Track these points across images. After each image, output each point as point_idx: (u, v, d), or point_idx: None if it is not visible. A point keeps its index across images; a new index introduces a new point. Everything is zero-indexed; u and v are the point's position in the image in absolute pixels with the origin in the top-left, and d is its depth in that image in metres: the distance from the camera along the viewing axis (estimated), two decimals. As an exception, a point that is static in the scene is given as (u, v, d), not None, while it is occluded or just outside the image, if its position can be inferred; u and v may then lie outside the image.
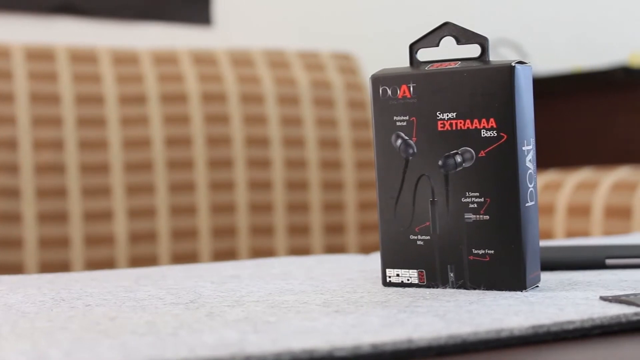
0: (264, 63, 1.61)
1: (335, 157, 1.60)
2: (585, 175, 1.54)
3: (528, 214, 0.63)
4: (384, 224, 0.66)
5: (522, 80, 0.63)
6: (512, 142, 0.62)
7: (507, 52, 2.56)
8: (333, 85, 1.63)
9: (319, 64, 1.65)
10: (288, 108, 1.58)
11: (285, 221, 1.55)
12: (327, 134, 1.60)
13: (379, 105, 0.66)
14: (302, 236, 1.56)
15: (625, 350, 0.48)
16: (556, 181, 1.56)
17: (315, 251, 1.58)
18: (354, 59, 1.71)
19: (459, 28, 0.65)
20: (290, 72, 1.61)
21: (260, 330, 0.49)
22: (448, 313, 0.54)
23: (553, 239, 1.52)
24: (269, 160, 1.55)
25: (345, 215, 1.59)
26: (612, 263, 0.75)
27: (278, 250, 1.55)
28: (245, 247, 1.52)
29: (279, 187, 1.55)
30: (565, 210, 1.50)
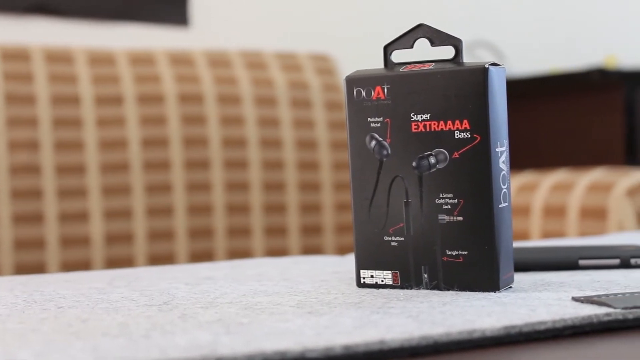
0: (241, 64, 1.61)
1: (313, 158, 1.60)
2: (561, 176, 1.54)
3: (501, 215, 0.63)
4: (358, 225, 0.66)
5: (496, 81, 0.63)
6: (486, 143, 0.62)
7: (484, 54, 2.57)
8: (310, 87, 1.63)
9: (297, 65, 1.65)
10: (265, 109, 1.58)
11: (263, 222, 1.55)
12: (304, 135, 1.60)
13: (353, 106, 0.66)
14: (279, 237, 1.56)
15: (596, 350, 0.48)
16: (532, 182, 1.56)
17: (292, 252, 1.58)
18: (332, 60, 1.71)
19: (433, 30, 0.65)
20: (267, 73, 1.61)
21: (233, 331, 0.49)
22: (421, 314, 0.54)
23: (529, 239, 1.52)
24: (246, 161, 1.55)
25: (322, 216, 1.60)
26: (585, 264, 0.75)
27: (255, 251, 1.55)
28: (222, 248, 1.52)
29: (256, 188, 1.55)
30: (541, 211, 1.50)
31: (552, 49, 2.72)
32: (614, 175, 1.48)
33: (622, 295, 0.58)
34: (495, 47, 2.59)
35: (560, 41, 2.74)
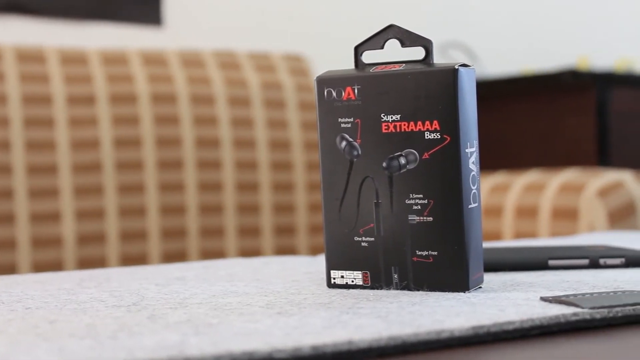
0: (215, 64, 1.61)
1: (286, 158, 1.60)
2: (533, 177, 1.55)
3: (471, 215, 0.64)
4: (329, 225, 0.66)
5: (466, 83, 0.63)
6: (456, 144, 0.62)
7: (457, 55, 2.58)
8: (284, 87, 1.63)
9: (270, 66, 1.65)
10: (238, 109, 1.58)
11: (236, 222, 1.55)
12: (277, 136, 1.60)
13: (324, 107, 0.66)
14: (253, 238, 1.56)
15: (563, 350, 0.49)
16: (504, 183, 1.57)
17: (265, 252, 1.58)
18: (305, 60, 1.71)
19: (403, 30, 0.66)
20: (240, 74, 1.61)
21: (201, 332, 0.49)
22: (390, 314, 0.54)
23: (501, 240, 1.53)
24: (219, 162, 1.55)
25: (295, 216, 1.60)
26: (554, 264, 0.75)
27: (228, 252, 1.55)
28: (195, 248, 1.52)
29: (229, 189, 1.55)
30: (513, 211, 1.51)
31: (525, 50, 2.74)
32: (586, 176, 1.49)
33: (589, 295, 0.58)
34: (468, 48, 2.60)
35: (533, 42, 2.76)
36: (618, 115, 2.10)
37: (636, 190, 1.45)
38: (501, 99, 2.23)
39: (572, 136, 2.08)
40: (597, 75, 2.06)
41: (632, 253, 0.77)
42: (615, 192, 1.43)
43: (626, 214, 1.43)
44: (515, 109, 2.19)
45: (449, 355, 0.48)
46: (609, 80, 2.09)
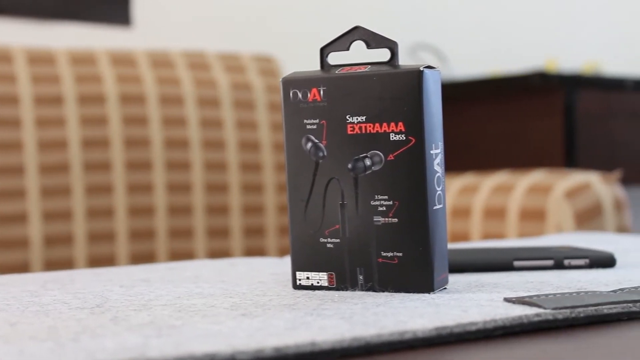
0: (184, 64, 1.60)
1: (256, 159, 1.60)
2: (501, 178, 1.56)
3: (436, 216, 0.64)
4: (294, 226, 0.66)
5: (431, 84, 0.64)
6: (421, 145, 0.63)
7: (427, 56, 2.59)
8: (254, 88, 1.63)
9: (240, 66, 1.65)
10: (208, 110, 1.57)
11: (205, 224, 1.54)
12: (247, 137, 1.60)
13: (290, 108, 0.66)
14: (222, 239, 1.56)
15: (525, 350, 0.49)
16: (473, 184, 1.58)
17: (235, 254, 1.57)
18: (275, 61, 1.71)
19: (369, 32, 0.66)
20: (210, 74, 1.61)
21: (164, 334, 0.49)
22: (354, 315, 0.54)
23: (469, 241, 1.54)
24: (188, 163, 1.54)
25: (265, 217, 1.59)
26: (519, 265, 0.76)
27: (197, 253, 1.54)
28: (164, 250, 1.51)
29: (198, 190, 1.54)
30: (482, 212, 1.52)
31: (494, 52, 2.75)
32: (553, 177, 1.50)
33: (552, 296, 0.59)
34: (437, 50, 2.61)
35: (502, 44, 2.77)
36: (585, 117, 2.12)
37: (603, 192, 1.46)
38: (470, 100, 2.24)
39: (539, 138, 2.09)
40: (564, 77, 2.08)
41: (596, 254, 0.77)
42: (582, 194, 1.44)
43: (593, 215, 1.44)
44: (484, 110, 2.20)
45: (412, 356, 0.48)
46: (577, 82, 2.10)
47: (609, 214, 1.46)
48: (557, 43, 2.92)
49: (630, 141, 2.24)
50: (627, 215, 1.49)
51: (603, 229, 1.45)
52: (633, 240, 0.98)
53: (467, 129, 2.24)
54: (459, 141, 2.25)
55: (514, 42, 2.80)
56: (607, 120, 2.18)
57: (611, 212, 1.46)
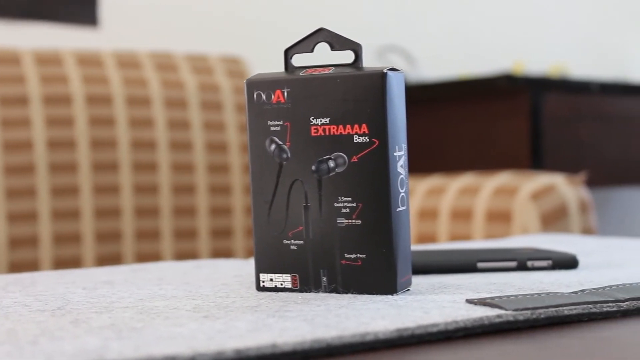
0: (151, 65, 1.59)
1: (223, 161, 1.59)
2: (468, 180, 1.57)
3: (399, 218, 0.64)
4: (258, 228, 0.66)
5: (395, 87, 0.64)
6: (384, 147, 0.63)
7: (396, 59, 2.60)
8: (221, 89, 1.63)
9: (207, 68, 1.64)
10: (175, 111, 1.57)
11: (172, 225, 1.54)
12: (214, 138, 1.59)
13: (254, 109, 0.66)
14: (189, 240, 1.55)
15: (486, 351, 0.49)
16: (440, 186, 1.59)
17: (202, 255, 1.57)
18: (243, 62, 1.70)
19: (333, 34, 0.66)
20: (177, 75, 1.60)
21: (124, 336, 0.49)
22: (316, 317, 0.54)
23: (436, 242, 1.54)
24: (155, 164, 1.53)
25: (232, 219, 1.59)
26: (483, 266, 0.76)
27: (164, 255, 1.53)
28: (131, 251, 1.50)
29: (165, 191, 1.53)
30: (448, 214, 1.53)
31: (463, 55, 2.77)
32: (519, 179, 1.51)
33: (514, 297, 0.59)
34: (406, 52, 2.62)
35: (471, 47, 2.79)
36: (551, 120, 2.14)
37: (568, 194, 1.47)
38: (438, 102, 2.25)
39: (506, 140, 2.11)
40: (531, 80, 2.09)
41: (559, 255, 0.78)
42: (547, 195, 1.45)
43: (558, 217, 1.45)
44: (452, 112, 2.22)
45: (373, 358, 0.48)
46: (543, 85, 2.12)
47: (574, 216, 1.47)
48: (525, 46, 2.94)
49: (595, 143, 2.26)
50: (592, 217, 1.50)
51: (568, 230, 1.47)
52: (597, 242, 0.99)
53: (435, 130, 2.25)
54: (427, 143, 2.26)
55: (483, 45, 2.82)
56: (573, 122, 2.20)
57: (576, 213, 1.47)
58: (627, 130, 2.35)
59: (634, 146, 2.37)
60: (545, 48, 3.01)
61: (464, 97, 2.19)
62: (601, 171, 2.27)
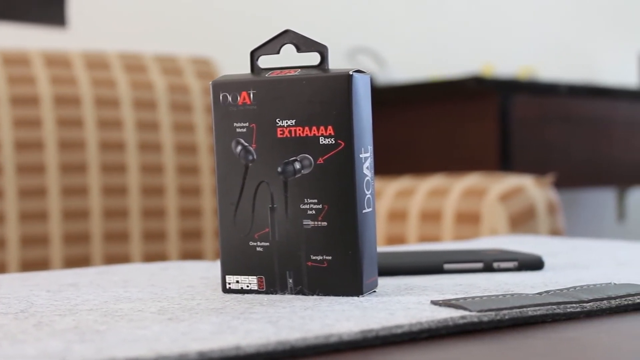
0: (120, 66, 1.58)
1: (193, 162, 1.59)
2: (437, 181, 1.57)
3: (365, 220, 0.64)
4: (224, 230, 0.66)
5: (361, 88, 0.64)
6: (350, 149, 0.63)
7: (366, 60, 2.60)
8: (191, 90, 1.62)
9: (177, 68, 1.64)
10: (144, 112, 1.56)
11: (141, 227, 1.53)
12: (184, 139, 1.59)
13: (219, 111, 0.66)
14: (158, 242, 1.54)
15: (450, 352, 0.49)
16: (409, 187, 1.59)
17: (171, 257, 1.56)
18: (213, 63, 1.70)
19: (299, 36, 0.66)
20: (147, 76, 1.59)
21: (87, 339, 0.48)
22: (281, 319, 0.54)
23: (405, 244, 1.55)
24: (124, 165, 1.53)
25: (202, 220, 1.58)
26: (449, 268, 0.77)
27: (133, 257, 1.53)
28: (99, 253, 1.49)
29: (134, 192, 1.53)
30: (418, 215, 1.53)
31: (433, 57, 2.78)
32: (488, 181, 1.51)
33: (479, 299, 0.60)
34: (376, 53, 2.63)
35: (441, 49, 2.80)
36: (520, 121, 2.15)
37: (536, 195, 1.48)
38: (408, 104, 2.25)
39: (475, 141, 2.12)
40: (500, 82, 2.10)
41: (525, 257, 0.78)
42: (516, 197, 1.46)
43: (526, 218, 1.46)
44: (421, 114, 2.22)
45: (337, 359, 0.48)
46: (512, 87, 2.13)
47: (542, 217, 1.48)
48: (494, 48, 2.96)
49: (563, 145, 2.28)
50: (560, 218, 1.51)
51: (536, 231, 1.48)
52: (563, 243, 1.00)
53: (404, 132, 2.25)
54: (396, 144, 2.27)
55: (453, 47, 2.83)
56: (541, 124, 2.21)
57: (544, 215, 1.48)
58: (595, 132, 2.37)
59: (602, 148, 2.39)
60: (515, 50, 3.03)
61: (433, 98, 2.20)
62: (569, 173, 2.29)
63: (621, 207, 3.32)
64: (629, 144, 2.48)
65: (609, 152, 2.42)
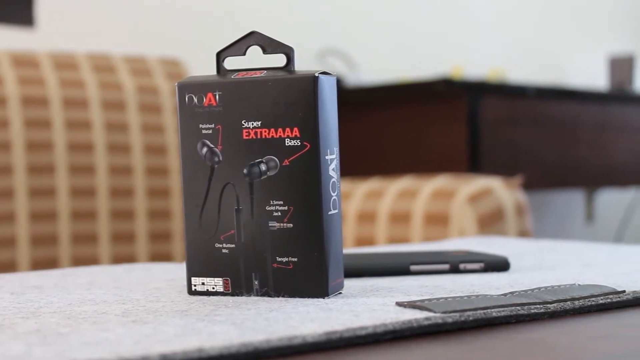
0: (89, 67, 1.58)
1: (162, 163, 1.58)
2: (406, 183, 1.58)
3: (331, 222, 0.64)
4: (190, 232, 0.66)
5: (326, 90, 0.64)
6: (315, 151, 0.63)
7: (336, 62, 2.61)
8: (160, 91, 1.61)
9: (146, 69, 1.63)
10: (113, 113, 1.55)
11: (110, 229, 1.52)
12: (153, 140, 1.58)
13: (185, 112, 0.66)
14: (127, 244, 1.54)
15: (414, 353, 0.49)
16: (378, 189, 1.59)
17: (140, 259, 1.56)
18: (182, 64, 1.69)
19: (265, 37, 0.66)
20: (115, 77, 1.58)
21: (49, 342, 0.48)
22: (246, 321, 0.54)
23: (374, 245, 1.55)
24: (92, 167, 1.52)
25: (171, 222, 1.58)
26: (416, 269, 0.77)
27: (102, 259, 1.52)
28: (67, 255, 1.48)
29: (103, 194, 1.52)
30: (387, 217, 1.53)
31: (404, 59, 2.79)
32: (457, 182, 1.52)
33: (444, 300, 0.60)
34: (346, 55, 2.63)
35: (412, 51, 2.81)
36: (488, 123, 2.16)
37: (505, 197, 1.49)
38: (378, 105, 2.26)
39: (444, 143, 2.12)
40: (469, 84, 2.11)
41: (491, 258, 0.79)
42: (484, 199, 1.47)
43: (495, 220, 1.47)
44: (391, 115, 2.23)
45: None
46: (481, 89, 2.14)
47: (510, 219, 1.49)
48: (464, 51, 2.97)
49: (531, 147, 2.29)
50: (529, 220, 1.52)
51: (505, 233, 1.48)
52: (530, 245, 1.00)
53: (374, 134, 2.26)
54: (366, 146, 2.27)
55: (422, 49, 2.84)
56: (509, 126, 2.23)
57: (513, 216, 1.49)
58: (563, 134, 2.39)
59: (570, 150, 2.41)
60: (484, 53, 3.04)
61: (403, 100, 2.20)
62: (538, 174, 2.30)
63: (590, 209, 3.35)
64: (597, 146, 2.50)
65: (577, 154, 2.44)
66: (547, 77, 3.26)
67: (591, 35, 3.44)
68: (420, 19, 2.84)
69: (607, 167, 2.54)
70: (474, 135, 2.10)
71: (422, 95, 2.16)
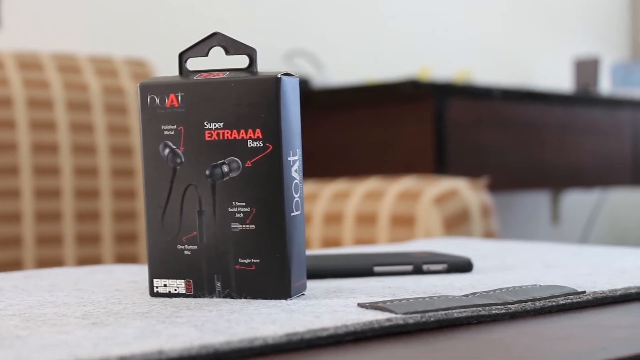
0: (53, 67, 1.56)
1: (128, 164, 1.57)
2: (373, 184, 1.58)
3: (294, 223, 0.64)
4: (151, 233, 0.66)
5: (289, 91, 0.64)
6: (278, 152, 0.63)
7: (303, 63, 2.61)
8: (125, 92, 1.60)
9: (112, 70, 1.62)
10: (78, 114, 1.54)
11: (74, 230, 1.51)
12: (119, 142, 1.57)
13: (147, 113, 0.65)
14: (92, 245, 1.53)
15: (375, 354, 0.49)
16: (345, 190, 1.60)
17: (106, 260, 1.55)
18: (148, 65, 1.69)
19: (228, 38, 0.66)
20: (81, 78, 1.57)
21: (6, 345, 0.48)
22: (207, 323, 0.54)
23: (341, 246, 1.55)
24: (57, 168, 1.50)
25: (137, 223, 1.57)
26: (379, 270, 0.77)
27: (67, 261, 1.51)
28: (31, 257, 1.47)
29: (67, 195, 1.51)
30: (353, 218, 1.54)
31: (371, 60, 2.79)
32: (422, 183, 1.53)
33: (406, 301, 0.60)
34: (313, 56, 2.63)
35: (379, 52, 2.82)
36: (455, 125, 2.17)
37: (470, 198, 1.50)
38: (344, 107, 2.26)
39: (410, 144, 2.13)
40: (435, 85, 2.12)
41: (454, 259, 0.79)
42: (450, 200, 1.48)
43: (461, 221, 1.47)
44: (358, 117, 2.23)
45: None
46: (447, 90, 2.15)
47: (476, 220, 1.50)
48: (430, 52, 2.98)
49: (497, 148, 2.30)
50: (494, 221, 1.53)
51: (471, 234, 1.49)
52: (494, 246, 1.01)
53: (340, 135, 2.26)
54: (332, 147, 2.27)
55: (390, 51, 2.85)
56: (475, 127, 2.24)
57: (478, 217, 1.50)
58: (529, 136, 2.41)
59: (535, 151, 2.43)
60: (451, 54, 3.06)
61: (369, 102, 2.21)
62: (503, 176, 2.32)
63: (555, 210, 3.37)
64: (563, 147, 2.52)
65: (542, 156, 2.46)
66: (513, 79, 3.29)
67: (557, 38, 3.47)
68: (388, 21, 2.85)
69: (573, 169, 2.56)
70: (440, 136, 2.11)
71: (389, 97, 2.16)
